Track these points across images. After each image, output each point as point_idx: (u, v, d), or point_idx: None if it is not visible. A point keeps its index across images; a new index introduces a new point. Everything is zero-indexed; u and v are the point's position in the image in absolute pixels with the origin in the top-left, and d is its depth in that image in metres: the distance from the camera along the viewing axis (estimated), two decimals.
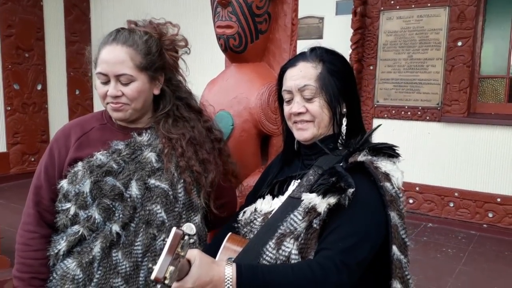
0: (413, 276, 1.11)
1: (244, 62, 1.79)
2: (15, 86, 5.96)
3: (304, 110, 1.18)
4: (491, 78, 4.26)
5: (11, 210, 4.67)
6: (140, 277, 1.24)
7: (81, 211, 1.24)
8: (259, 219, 1.20)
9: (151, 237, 1.25)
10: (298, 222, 1.04)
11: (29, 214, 1.30)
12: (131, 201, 1.24)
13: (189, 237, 0.89)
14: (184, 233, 0.88)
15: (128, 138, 1.33)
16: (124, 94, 1.26)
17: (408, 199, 4.51)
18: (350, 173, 1.04)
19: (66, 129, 1.36)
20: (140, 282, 1.24)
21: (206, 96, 1.88)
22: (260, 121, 1.71)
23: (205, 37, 4.26)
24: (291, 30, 1.82)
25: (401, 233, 1.07)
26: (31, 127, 6.19)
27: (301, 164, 1.25)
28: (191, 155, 1.34)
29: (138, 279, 1.24)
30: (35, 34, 6.10)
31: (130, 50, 1.26)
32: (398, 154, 1.13)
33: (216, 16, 1.73)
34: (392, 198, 1.05)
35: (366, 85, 4.61)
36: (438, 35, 4.19)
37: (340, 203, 1.00)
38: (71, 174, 1.26)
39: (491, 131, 4.06)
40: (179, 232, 0.87)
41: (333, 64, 1.19)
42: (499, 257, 3.60)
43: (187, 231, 0.88)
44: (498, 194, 4.07)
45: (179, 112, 1.40)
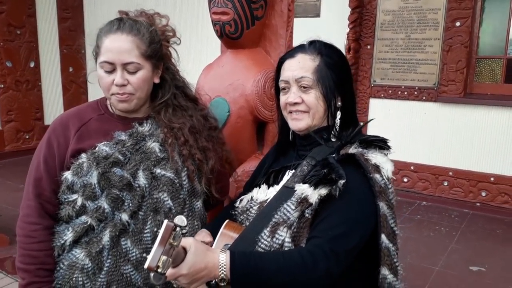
0: (408, 253, 1.15)
1: (240, 48, 1.78)
2: (7, 63, 5.88)
3: (300, 100, 1.21)
4: (488, 59, 4.24)
5: (8, 188, 4.69)
6: None
7: (89, 202, 1.25)
8: (255, 208, 1.25)
9: (159, 224, 1.28)
10: (291, 211, 1.08)
11: (30, 206, 1.29)
12: (140, 190, 1.27)
13: (180, 228, 0.92)
14: (176, 225, 0.92)
15: (128, 128, 1.34)
16: (130, 83, 1.27)
17: (403, 178, 4.55)
18: (341, 164, 1.08)
19: (63, 120, 1.35)
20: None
21: (202, 82, 1.87)
22: (256, 108, 1.71)
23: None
24: (287, 16, 1.80)
25: (390, 222, 1.11)
26: (25, 104, 6.14)
27: (296, 154, 1.29)
28: (192, 143, 1.38)
29: None
30: (26, 10, 5.98)
31: (135, 39, 1.27)
32: (389, 147, 1.16)
33: (211, 2, 1.71)
34: (381, 189, 1.09)
35: (363, 64, 4.58)
36: (437, 15, 4.14)
37: (331, 193, 1.04)
38: (76, 166, 1.26)
39: (487, 111, 4.06)
40: (170, 224, 0.91)
41: (330, 58, 1.22)
42: (491, 235, 3.66)
43: (178, 223, 0.92)
44: (491, 174, 4.11)
45: (177, 101, 1.42)
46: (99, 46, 1.28)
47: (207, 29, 2.70)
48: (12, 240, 3.27)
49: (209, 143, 1.43)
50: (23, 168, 5.19)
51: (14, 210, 3.97)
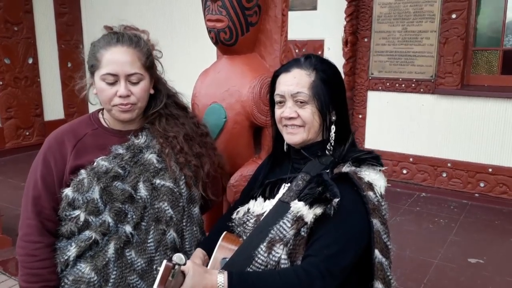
0: (407, 246, 1.18)
1: (235, 54, 1.79)
2: (6, 60, 5.88)
3: (295, 115, 1.23)
4: (485, 50, 4.24)
5: (9, 186, 4.72)
6: (154, 270, 1.32)
7: (92, 217, 1.27)
8: (251, 221, 1.27)
9: (161, 233, 1.32)
10: (287, 229, 1.11)
11: (30, 225, 1.31)
12: (141, 202, 1.30)
13: (179, 266, 0.96)
14: (175, 264, 0.95)
15: (123, 140, 1.37)
16: (133, 94, 1.31)
17: (402, 170, 4.58)
18: (335, 182, 1.11)
19: (58, 136, 1.36)
20: (154, 275, 1.31)
21: (198, 87, 1.89)
22: (252, 114, 1.73)
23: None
24: (281, 21, 1.81)
25: (384, 237, 1.14)
26: (24, 101, 6.15)
27: (291, 167, 1.31)
28: (187, 151, 1.42)
29: (152, 273, 1.32)
30: (23, 6, 5.97)
31: (136, 51, 1.33)
32: (381, 164, 1.17)
33: (206, 10, 1.72)
34: (374, 207, 1.12)
35: (360, 57, 4.58)
36: (433, 7, 4.13)
37: (326, 212, 1.07)
38: (76, 182, 1.28)
39: (484, 103, 4.07)
40: (170, 265, 0.95)
41: (325, 73, 1.24)
42: (489, 227, 3.70)
43: (177, 261, 0.96)
44: (489, 165, 4.13)
45: (168, 110, 1.46)
46: (99, 59, 1.30)
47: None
48: (14, 241, 3.30)
49: (203, 149, 1.48)
50: (24, 165, 5.25)
51: (16, 209, 4.01)
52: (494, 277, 2.87)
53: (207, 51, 2.86)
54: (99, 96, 1.33)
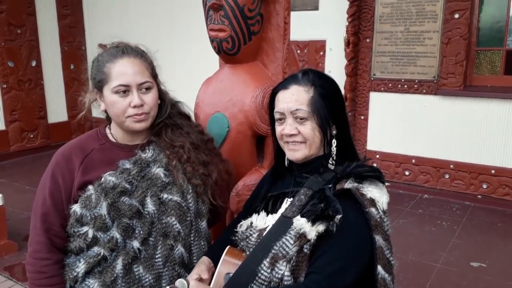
0: (409, 250, 1.19)
1: (238, 63, 1.80)
2: (9, 63, 5.90)
3: (296, 132, 1.24)
4: (488, 51, 4.23)
5: (15, 190, 4.73)
6: (162, 285, 1.32)
7: (100, 233, 1.28)
8: (254, 235, 1.28)
9: (169, 248, 1.33)
10: (290, 246, 1.11)
11: (39, 242, 1.32)
12: (149, 217, 1.31)
13: None
14: None
15: (130, 155, 1.38)
16: (146, 103, 1.33)
17: (405, 171, 4.58)
18: (338, 198, 1.11)
19: (66, 152, 1.37)
20: None
21: (201, 96, 1.90)
22: (255, 123, 1.74)
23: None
24: (283, 29, 1.82)
25: (386, 253, 1.15)
26: (28, 104, 6.18)
27: (293, 181, 1.32)
28: (194, 159, 1.42)
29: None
30: (26, 9, 5.99)
31: (142, 61, 1.35)
32: (383, 180, 1.18)
33: (208, 19, 1.72)
34: (377, 223, 1.12)
35: (362, 58, 4.58)
36: (435, 7, 4.12)
37: (329, 229, 1.08)
38: (84, 199, 1.29)
39: (487, 103, 4.07)
40: None
41: (324, 89, 1.24)
42: (492, 229, 3.70)
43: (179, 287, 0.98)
44: (492, 166, 4.13)
45: (173, 120, 1.47)
46: (107, 73, 1.31)
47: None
48: (21, 246, 3.33)
49: (209, 157, 1.48)
50: (29, 167, 5.28)
51: (22, 213, 4.03)
52: (497, 282, 2.87)
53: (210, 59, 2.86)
54: (111, 109, 1.33)
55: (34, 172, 5.48)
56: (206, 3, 1.70)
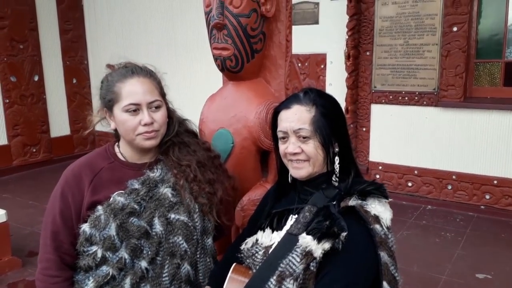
0: (415, 261, 1.20)
1: (241, 80, 1.82)
2: (12, 78, 5.95)
3: (299, 150, 1.25)
4: (487, 62, 4.26)
5: (18, 205, 4.73)
6: None
7: (109, 253, 1.29)
8: (260, 253, 1.28)
9: (176, 267, 1.33)
10: (297, 264, 1.12)
11: (49, 259, 1.33)
12: (157, 238, 1.32)
13: None
14: None
15: (139, 174, 1.39)
16: (156, 121, 1.35)
17: (407, 183, 4.59)
18: (342, 214, 1.12)
19: (75, 171, 1.38)
20: None
21: (205, 112, 1.92)
22: (259, 139, 1.75)
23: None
24: (285, 47, 1.84)
25: (391, 269, 1.16)
26: (31, 118, 6.22)
27: (297, 197, 1.33)
28: (200, 178, 1.43)
29: None
30: (28, 24, 6.06)
31: (151, 80, 1.38)
32: (386, 195, 1.19)
33: (212, 38, 1.75)
34: (381, 239, 1.13)
35: (363, 71, 4.61)
36: (434, 21, 4.17)
37: (334, 247, 1.09)
38: (93, 219, 1.30)
39: (487, 115, 4.09)
40: None
41: (325, 108, 1.26)
42: (496, 240, 3.70)
43: None
44: (494, 177, 4.14)
45: (180, 138, 1.48)
46: (117, 92, 1.33)
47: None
48: (24, 262, 3.33)
49: (215, 175, 1.49)
50: (32, 182, 5.29)
51: (25, 229, 4.04)
52: None
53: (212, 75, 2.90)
54: (121, 128, 1.35)
55: (37, 187, 5.49)
56: (209, 22, 1.73)
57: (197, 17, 5.57)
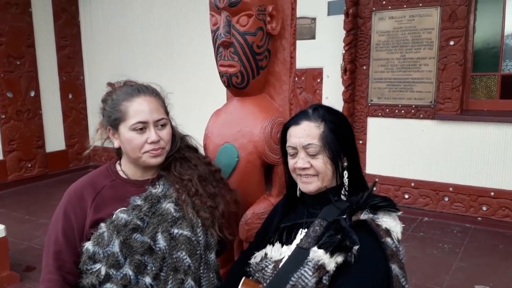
0: (413, 273, 1.22)
1: (246, 96, 1.84)
2: (8, 94, 5.95)
3: (308, 165, 1.27)
4: (483, 76, 4.33)
5: (13, 220, 4.70)
6: None
7: (113, 270, 1.28)
8: (270, 267, 1.29)
9: (180, 282, 1.33)
10: (309, 277, 1.13)
11: (52, 280, 1.32)
12: (161, 253, 1.32)
13: None
14: None
15: (141, 191, 1.40)
16: (162, 138, 1.37)
17: (404, 195, 4.62)
18: (353, 229, 1.14)
19: (77, 190, 1.39)
20: None
21: (211, 127, 1.94)
22: (264, 153, 1.77)
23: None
24: (290, 63, 1.88)
25: (402, 281, 1.18)
26: (27, 133, 6.21)
27: (306, 211, 1.34)
28: (202, 192, 1.44)
29: None
30: (25, 41, 6.08)
31: (157, 99, 1.40)
32: (397, 209, 1.21)
33: (218, 56, 1.77)
34: (392, 252, 1.15)
35: (359, 84, 4.67)
36: (431, 35, 4.24)
37: (347, 260, 1.10)
38: (96, 236, 1.30)
39: (484, 127, 4.15)
40: None
41: (334, 124, 1.29)
42: (494, 251, 3.72)
43: None
44: (491, 188, 4.18)
45: (181, 154, 1.50)
46: (123, 111, 1.34)
47: None
48: (22, 277, 3.30)
49: (216, 189, 1.50)
50: (27, 197, 5.27)
51: (22, 244, 4.01)
52: None
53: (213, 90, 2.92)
54: (127, 146, 1.36)
55: (32, 201, 5.46)
56: (216, 40, 1.75)
57: (193, 31, 5.62)
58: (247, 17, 1.70)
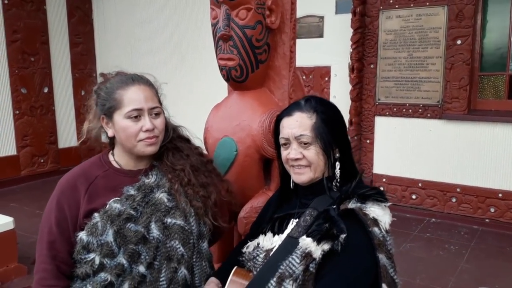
0: (417, 274, 1.21)
1: (245, 89, 1.86)
2: (22, 90, 6.06)
3: (301, 156, 1.29)
4: (491, 75, 4.30)
5: (24, 214, 4.78)
6: None
7: (107, 260, 1.30)
8: (261, 256, 1.32)
9: (173, 271, 1.35)
10: (296, 265, 1.15)
11: (46, 269, 1.33)
12: (154, 242, 1.33)
13: None
14: None
15: (134, 181, 1.41)
16: (156, 127, 1.38)
17: (411, 195, 4.59)
18: (342, 217, 1.16)
19: (70, 180, 1.40)
20: None
21: (211, 121, 1.96)
22: (262, 147, 1.79)
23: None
24: (289, 58, 1.89)
25: (390, 271, 1.18)
26: (40, 129, 6.30)
27: (299, 202, 1.36)
28: (194, 182, 1.46)
29: None
30: (40, 38, 6.18)
31: (151, 88, 1.42)
32: (386, 199, 1.22)
33: (218, 49, 1.80)
34: (379, 242, 1.16)
35: (367, 83, 4.66)
36: (438, 34, 4.22)
37: (333, 248, 1.12)
38: (90, 226, 1.31)
39: (492, 127, 4.11)
40: None
41: (326, 114, 1.31)
42: (501, 253, 3.68)
43: None
44: (499, 190, 4.14)
45: (173, 144, 1.51)
46: (119, 99, 1.36)
47: None
48: (30, 269, 3.35)
49: (208, 178, 1.52)
50: (39, 192, 5.35)
51: (31, 237, 4.07)
52: None
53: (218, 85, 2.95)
54: (122, 134, 1.37)
55: (44, 196, 5.49)
56: (216, 34, 1.78)
57: (203, 29, 5.67)
58: (246, 11, 1.72)
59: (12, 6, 5.79)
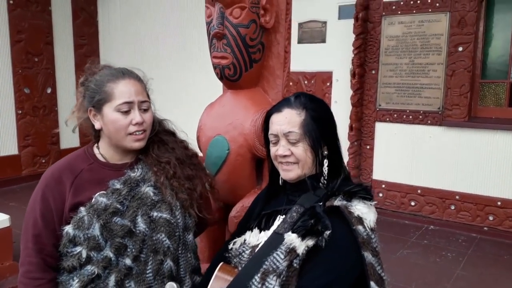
0: (413, 281, 1.20)
1: (239, 88, 1.87)
2: (25, 90, 6.09)
3: (289, 153, 1.29)
4: (492, 83, 4.28)
5: (23, 213, 4.72)
6: None
7: (93, 253, 1.30)
8: (247, 252, 1.32)
9: (159, 263, 1.35)
10: (280, 261, 1.14)
11: (31, 262, 1.33)
12: (141, 235, 1.34)
13: None
14: None
15: (119, 174, 1.41)
16: (145, 121, 1.39)
17: (410, 202, 4.57)
18: (327, 214, 1.15)
19: (55, 174, 1.39)
20: None
21: (204, 119, 1.97)
22: (254, 146, 1.79)
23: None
24: (284, 58, 1.90)
25: (377, 269, 1.17)
26: (42, 129, 6.32)
27: (286, 199, 1.36)
28: (180, 175, 1.46)
29: None
30: (44, 38, 6.21)
31: (141, 83, 1.43)
32: (372, 196, 1.21)
33: (212, 47, 1.81)
34: (364, 240, 1.15)
35: (368, 89, 4.65)
36: (439, 40, 4.21)
37: (318, 244, 1.11)
38: (76, 220, 1.31)
39: (492, 135, 4.09)
40: None
41: (315, 111, 1.30)
42: (498, 261, 3.65)
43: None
44: (498, 198, 4.11)
45: (158, 137, 1.52)
46: (109, 92, 1.36)
47: None
48: None
49: (193, 171, 1.52)
50: None
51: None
52: None
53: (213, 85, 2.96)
54: (111, 127, 1.37)
55: None
56: (210, 32, 1.79)
57: None
58: (240, 9, 1.73)
59: (17, 6, 5.84)
